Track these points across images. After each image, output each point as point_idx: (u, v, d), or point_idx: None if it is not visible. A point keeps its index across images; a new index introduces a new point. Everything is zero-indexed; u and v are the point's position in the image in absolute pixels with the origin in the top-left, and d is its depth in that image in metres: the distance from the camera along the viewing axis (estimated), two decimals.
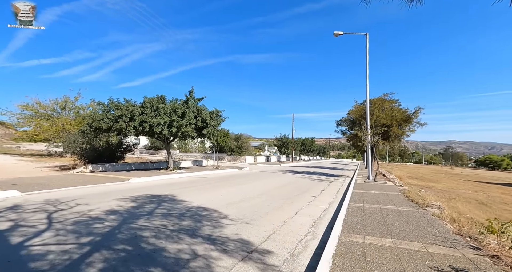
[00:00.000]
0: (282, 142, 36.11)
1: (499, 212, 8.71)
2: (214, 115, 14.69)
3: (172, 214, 5.45)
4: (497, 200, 11.92)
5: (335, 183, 13.55)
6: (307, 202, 7.75)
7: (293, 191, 9.81)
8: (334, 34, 15.19)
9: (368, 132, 12.96)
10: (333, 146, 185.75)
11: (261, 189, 9.97)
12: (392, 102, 16.02)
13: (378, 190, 10.05)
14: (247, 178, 14.15)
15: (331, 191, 10.35)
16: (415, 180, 20.65)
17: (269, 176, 15.72)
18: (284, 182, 12.65)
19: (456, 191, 15.16)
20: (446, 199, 10.46)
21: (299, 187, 11.10)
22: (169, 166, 14.85)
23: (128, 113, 11.63)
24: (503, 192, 17.38)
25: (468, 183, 22.52)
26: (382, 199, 7.78)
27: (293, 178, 15.33)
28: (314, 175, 17.91)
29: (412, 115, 14.78)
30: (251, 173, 18.04)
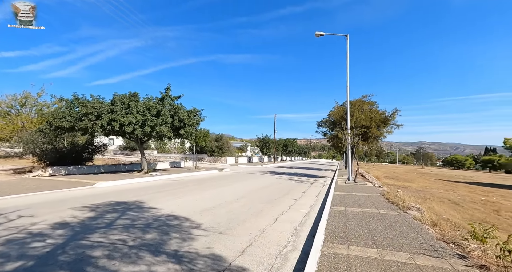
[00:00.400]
0: (264, 143, 35.86)
1: (471, 212, 9.02)
2: (192, 114, 13.94)
3: (135, 225, 4.77)
4: (467, 199, 12.48)
5: (316, 184, 13.42)
6: (288, 206, 7.39)
7: (274, 194, 9.43)
8: (315, 35, 15.13)
9: (348, 133, 12.99)
10: (314, 146, 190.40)
11: (240, 192, 9.47)
12: (371, 103, 16.37)
13: (359, 191, 10.00)
14: (226, 180, 13.57)
15: (312, 193, 10.13)
16: (391, 180, 21.33)
17: (250, 178, 15.27)
18: (265, 184, 12.27)
19: (429, 190, 15.76)
20: (422, 199, 10.69)
21: (280, 189, 10.76)
22: (143, 168, 13.82)
23: (94, 110, 10.54)
24: (470, 190, 18.44)
25: (438, 183, 23.75)
26: (363, 202, 7.63)
27: (275, 179, 15.01)
28: (295, 176, 17.76)
29: (389, 117, 15.16)
30: (232, 174, 17.47)
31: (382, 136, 15.98)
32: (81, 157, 14.50)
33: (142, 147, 14.16)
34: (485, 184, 25.89)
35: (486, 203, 11.23)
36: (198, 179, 13.46)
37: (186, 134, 13.74)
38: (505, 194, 16.89)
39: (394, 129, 15.28)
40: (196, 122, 14.26)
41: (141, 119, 11.67)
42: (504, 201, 12.86)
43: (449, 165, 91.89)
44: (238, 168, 25.27)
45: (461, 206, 10.17)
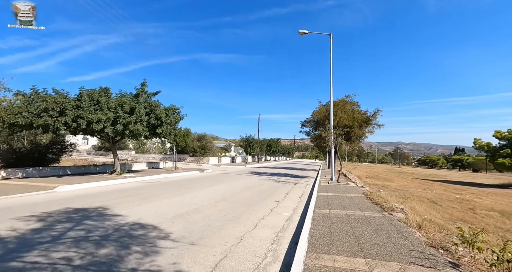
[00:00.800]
0: (247, 143, 35.33)
1: (450, 211, 9.16)
2: (171, 112, 13.10)
3: (90, 237, 4.06)
4: (443, 198, 12.83)
5: (299, 185, 13.15)
6: (269, 209, 6.95)
7: (256, 196, 8.97)
8: (299, 33, 14.90)
9: (331, 133, 12.86)
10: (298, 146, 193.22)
11: (220, 194, 8.89)
12: (353, 104, 16.49)
13: (342, 192, 9.82)
14: (207, 181, 12.91)
15: (296, 194, 9.79)
16: (372, 179, 21.74)
17: (232, 179, 14.70)
18: (247, 185, 11.77)
19: (408, 189, 16.13)
20: (403, 199, 10.74)
21: (262, 190, 10.32)
22: (115, 169, 12.74)
23: (57, 106, 9.43)
24: (444, 189, 19.21)
25: (415, 181, 24.63)
26: (347, 203, 7.39)
27: (257, 180, 14.57)
28: (279, 177, 17.44)
29: (371, 117, 15.34)
30: (213, 175, 16.79)
31: (364, 136, 16.14)
32: (45, 158, 13.10)
33: (115, 146, 13.07)
34: (457, 182, 27.32)
35: (462, 202, 11.58)
36: (176, 181, 12.66)
37: (164, 133, 12.89)
38: (475, 192, 17.74)
39: (376, 129, 15.52)
40: (175, 120, 13.43)
41: (112, 117, 10.69)
42: (476, 199, 13.39)
43: (423, 164, 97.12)
44: (220, 168, 24.55)
45: (440, 205, 10.34)
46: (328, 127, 13.33)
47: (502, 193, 18.07)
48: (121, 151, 33.30)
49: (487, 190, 20.47)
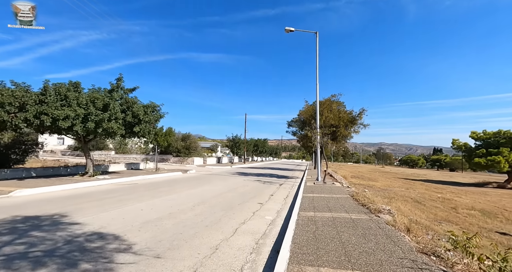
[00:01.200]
0: (234, 143, 34.71)
1: (434, 210, 9.14)
2: (150, 109, 12.29)
3: (30, 253, 3.38)
4: (426, 197, 12.97)
5: (285, 185, 12.80)
6: (252, 212, 6.48)
7: (239, 198, 8.46)
8: (285, 30, 14.61)
9: (318, 132, 12.63)
10: (285, 147, 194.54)
11: (200, 197, 8.31)
12: (339, 104, 16.44)
13: (328, 192, 9.54)
14: (188, 183, 12.23)
15: (281, 196, 9.39)
16: (357, 179, 21.89)
17: (216, 180, 14.09)
18: (231, 187, 11.24)
19: (392, 189, 16.27)
20: (388, 199, 10.66)
21: (246, 192, 9.83)
22: (87, 171, 11.73)
23: (14, 100, 8.41)
24: (426, 188, 19.66)
25: (398, 181, 25.14)
26: (333, 205, 7.07)
27: (242, 181, 14.06)
28: (264, 177, 17.04)
29: (357, 117, 15.32)
30: (196, 176, 16.08)
31: (349, 136, 16.12)
32: (8, 158, 11.87)
33: (87, 146, 12.04)
34: (437, 182, 28.27)
35: (444, 201, 11.73)
36: (155, 183, 11.88)
37: (142, 132, 12.05)
38: (454, 191, 18.26)
39: (361, 129, 15.54)
40: (154, 118, 12.63)
41: (82, 113, 9.76)
42: (457, 198, 13.68)
43: (405, 164, 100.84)
44: (205, 169, 23.79)
45: (423, 204, 10.35)
46: (314, 126, 13.10)
47: (478, 192, 18.73)
48: (100, 152, 31.57)
49: (464, 188, 21.20)
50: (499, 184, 23.92)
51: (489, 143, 25.02)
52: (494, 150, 23.43)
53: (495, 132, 24.74)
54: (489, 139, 25.37)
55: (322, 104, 15.96)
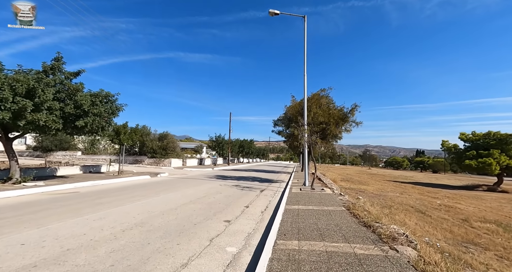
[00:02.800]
0: (217, 143, 32.36)
1: (445, 225, 7.47)
2: (99, 99, 9.89)
3: None
4: (426, 205, 11.45)
5: (267, 192, 10.81)
6: (209, 239, 4.41)
7: (201, 212, 6.36)
8: (270, 13, 12.74)
9: (305, 129, 10.79)
10: (273, 148, 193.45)
11: (147, 212, 6.12)
12: (329, 99, 14.75)
13: (317, 203, 7.64)
14: (149, 190, 9.95)
15: (258, 208, 7.37)
16: (347, 182, 20.36)
17: (187, 185, 11.88)
18: (199, 195, 9.10)
19: (386, 194, 14.75)
20: (387, 208, 8.95)
21: (215, 202, 7.74)
22: (11, 176, 9.12)
23: None
24: (419, 192, 18.39)
25: (389, 184, 23.93)
26: (324, 225, 5.14)
27: (218, 186, 11.94)
28: (246, 181, 14.99)
29: (348, 113, 13.68)
30: (165, 181, 13.76)
31: (340, 134, 14.45)
32: None
33: (9, 143, 9.42)
34: (425, 184, 27.43)
35: (449, 210, 10.21)
36: (103, 191, 9.50)
37: (89, 127, 9.64)
38: (449, 196, 17.07)
39: (353, 127, 13.89)
40: (107, 110, 10.24)
41: None
42: (457, 205, 12.29)
43: (390, 165, 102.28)
44: (181, 172, 21.38)
45: (429, 215, 8.71)
46: (301, 123, 11.25)
47: (472, 196, 17.67)
48: (64, 152, 28.25)
49: (457, 192, 20.21)
50: (489, 187, 23.28)
51: (478, 145, 24.41)
52: (485, 152, 22.75)
53: (485, 134, 24.15)
54: (478, 140, 24.79)
55: (310, 99, 14.19)
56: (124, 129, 14.11)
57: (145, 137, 25.93)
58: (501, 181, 23.40)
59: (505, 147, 22.22)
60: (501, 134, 22.80)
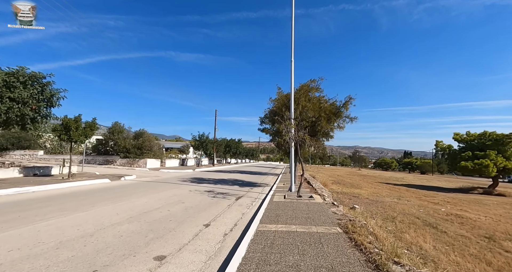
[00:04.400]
0: (200, 142, 29.99)
1: (472, 248, 5.65)
2: (20, 80, 7.51)
3: None
4: (431, 213, 9.73)
5: (243, 200, 8.73)
6: None
7: (129, 240, 4.19)
8: None
9: (291, 124, 8.80)
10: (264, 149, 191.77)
11: (40, 243, 3.90)
12: (319, 91, 12.87)
13: (303, 220, 5.63)
14: (87, 200, 7.64)
15: (221, 228, 5.26)
16: (339, 185, 18.60)
17: (145, 193, 9.61)
18: (152, 206, 6.91)
19: (383, 199, 13.01)
20: (390, 221, 7.08)
21: (164, 219, 5.57)
22: None
23: None
24: (417, 196, 16.86)
25: (383, 187, 22.41)
26: (312, 263, 3.12)
27: (185, 193, 9.76)
28: (223, 186, 12.87)
29: (341, 107, 11.85)
30: (125, 186, 11.42)
31: (332, 132, 12.61)
32: None
33: None
34: (418, 186, 26.20)
35: (463, 222, 8.45)
36: (27, 201, 7.13)
37: (4, 117, 7.24)
38: (449, 200, 15.60)
39: (347, 123, 12.06)
40: (35, 96, 7.86)
41: None
42: (465, 213, 10.67)
43: (379, 166, 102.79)
44: (156, 174, 18.96)
45: (443, 231, 6.91)
46: (287, 116, 9.27)
47: (473, 201, 16.29)
48: (23, 151, 25.11)
49: (453, 196, 18.88)
50: (484, 190, 22.18)
51: (473, 146, 23.36)
52: (481, 153, 21.64)
53: (480, 134, 23.12)
54: (473, 141, 23.74)
55: (298, 91, 12.26)
56: (76, 123, 11.65)
57: (117, 134, 23.25)
58: (497, 183, 22.39)
59: (501, 148, 21.19)
60: (497, 134, 21.78)
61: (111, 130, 23.58)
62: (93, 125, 12.60)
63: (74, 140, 11.86)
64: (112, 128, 23.69)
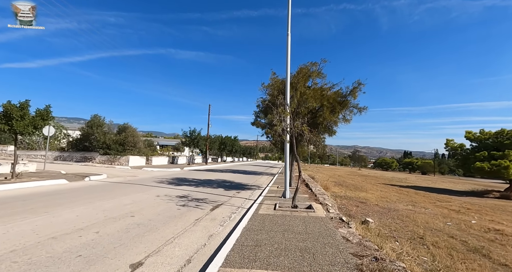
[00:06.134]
0: (191, 139, 27.81)
1: None
2: None
3: None
4: (465, 228, 7.59)
5: (219, 212, 6.55)
6: None
7: None
8: None
9: (286, 111, 6.63)
10: (263, 148, 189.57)
11: None
12: (321, 76, 10.64)
13: (296, 258, 3.43)
14: (10, 209, 5.45)
15: (163, 269, 3.08)
16: (341, 188, 16.47)
17: (98, 198, 7.41)
18: (87, 222, 4.72)
19: (396, 206, 10.88)
20: (418, 241, 4.92)
21: (78, 250, 3.37)
22: None
23: None
24: (429, 201, 14.75)
25: (389, 189, 20.29)
26: None
27: (150, 199, 7.58)
28: (205, 188, 10.71)
29: (348, 95, 9.67)
30: (83, 188, 9.23)
31: (336, 125, 10.43)
32: None
33: None
34: (426, 189, 24.15)
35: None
36: None
37: None
38: (470, 207, 13.47)
39: (355, 114, 9.83)
40: None
41: None
42: (503, 227, 8.54)
43: (379, 166, 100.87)
44: (135, 173, 16.75)
45: (498, 261, 4.77)
46: (281, 102, 7.09)
47: (493, 207, 14.17)
48: None
49: (468, 200, 16.80)
50: (501, 194, 20.12)
51: (488, 145, 21.27)
52: (498, 153, 19.54)
53: (497, 132, 21.01)
54: (488, 139, 21.65)
55: (296, 75, 10.06)
56: (22, 111, 9.42)
57: (96, 129, 20.97)
58: None
59: None
60: None
61: (90, 123, 21.30)
62: (45, 114, 10.36)
63: (19, 131, 9.63)
64: (90, 121, 21.41)
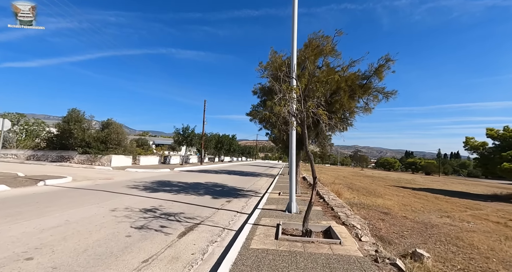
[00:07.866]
0: (184, 137, 25.48)
1: None
2: None
3: None
4: None
5: (191, 239, 4.20)
6: None
7: None
8: None
9: (293, 87, 4.32)
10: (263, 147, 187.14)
11: None
12: (336, 53, 8.28)
13: None
14: None
15: None
16: (353, 192, 14.14)
17: (30, 212, 5.07)
18: None
19: (428, 218, 8.56)
20: None
21: None
22: None
23: None
24: (459, 208, 12.42)
25: (405, 193, 17.95)
26: None
27: (97, 217, 5.24)
28: (187, 196, 8.39)
29: (372, 77, 7.33)
30: (31, 195, 6.88)
31: (353, 115, 8.06)
32: None
33: None
34: (442, 192, 21.82)
35: None
36: None
37: None
38: (510, 216, 11.16)
39: (380, 101, 7.49)
40: None
41: None
42: None
43: (381, 166, 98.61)
44: (114, 174, 14.39)
45: None
46: (284, 79, 4.79)
47: None
48: None
49: (502, 207, 14.49)
50: None
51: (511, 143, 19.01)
52: None
53: None
54: None
55: (304, 49, 7.73)
56: None
57: (73, 124, 18.60)
58: None
59: None
60: None
61: (66, 119, 18.91)
62: None
63: None
64: (67, 116, 19.01)
